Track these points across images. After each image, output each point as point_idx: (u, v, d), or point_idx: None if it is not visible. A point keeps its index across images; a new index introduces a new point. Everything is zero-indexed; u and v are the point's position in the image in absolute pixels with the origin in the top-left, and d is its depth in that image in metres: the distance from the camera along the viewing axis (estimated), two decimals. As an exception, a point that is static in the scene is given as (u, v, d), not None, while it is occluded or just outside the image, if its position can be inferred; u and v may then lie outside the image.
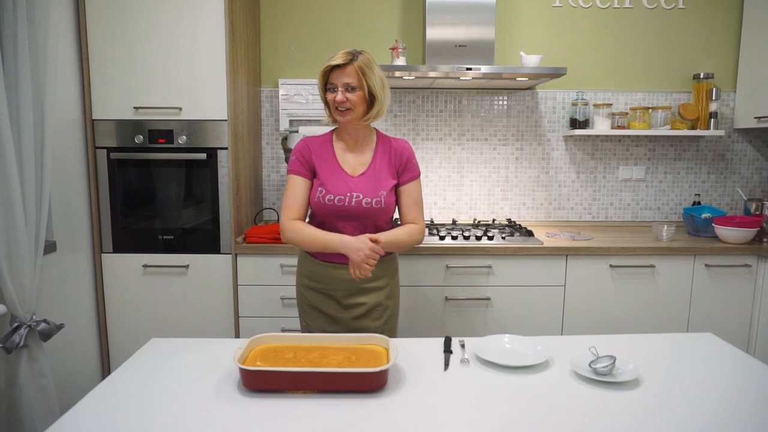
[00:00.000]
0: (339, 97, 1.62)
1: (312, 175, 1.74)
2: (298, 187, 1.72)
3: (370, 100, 1.66)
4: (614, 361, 1.32)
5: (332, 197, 1.68)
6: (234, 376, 1.31)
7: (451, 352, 1.46)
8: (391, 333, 1.83)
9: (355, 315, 1.77)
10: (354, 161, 1.74)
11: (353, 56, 1.61)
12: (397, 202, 1.79)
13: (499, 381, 1.31)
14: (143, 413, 1.15)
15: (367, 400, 1.20)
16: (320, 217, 1.74)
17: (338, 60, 1.59)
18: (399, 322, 1.95)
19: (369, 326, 1.76)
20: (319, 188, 1.70)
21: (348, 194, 1.68)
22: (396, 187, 1.76)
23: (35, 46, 1.78)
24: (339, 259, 1.70)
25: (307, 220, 1.79)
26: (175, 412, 1.15)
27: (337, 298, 1.77)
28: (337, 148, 1.76)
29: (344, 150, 1.75)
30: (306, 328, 1.85)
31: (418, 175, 1.79)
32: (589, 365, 1.33)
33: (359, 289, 1.76)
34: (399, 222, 1.83)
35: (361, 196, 1.68)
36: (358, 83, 1.62)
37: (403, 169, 1.76)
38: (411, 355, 1.44)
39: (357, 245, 1.59)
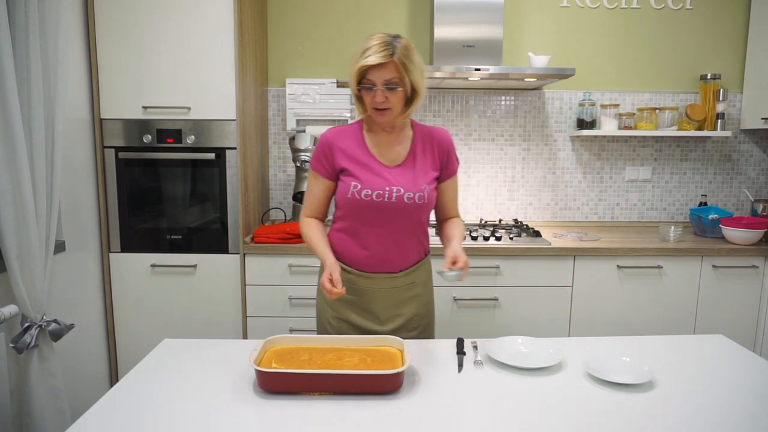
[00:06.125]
0: (378, 97, 1.43)
1: (333, 174, 1.56)
2: (317, 187, 1.59)
3: (411, 95, 1.47)
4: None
5: (369, 192, 1.49)
6: (249, 378, 1.31)
7: (464, 354, 1.46)
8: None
9: (392, 327, 1.61)
10: (390, 151, 1.55)
11: (392, 50, 1.39)
12: (438, 197, 1.63)
13: (513, 383, 1.32)
14: (159, 415, 1.15)
15: (383, 401, 1.20)
16: (354, 217, 1.55)
17: (376, 59, 1.38)
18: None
19: (405, 337, 1.55)
20: (353, 183, 1.49)
21: (387, 188, 1.49)
22: (437, 180, 1.59)
23: (46, 47, 1.78)
24: (377, 267, 1.57)
25: (331, 218, 1.68)
26: (191, 414, 1.15)
27: (375, 311, 1.60)
28: (368, 137, 1.56)
29: (378, 141, 1.55)
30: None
31: (458, 167, 1.64)
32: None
33: (400, 300, 1.61)
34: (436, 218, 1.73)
35: (402, 191, 1.50)
36: (399, 80, 1.42)
37: (446, 161, 1.59)
38: (424, 356, 1.44)
39: (325, 269, 1.47)
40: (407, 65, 1.42)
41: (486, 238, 2.51)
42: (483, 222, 2.98)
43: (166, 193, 2.45)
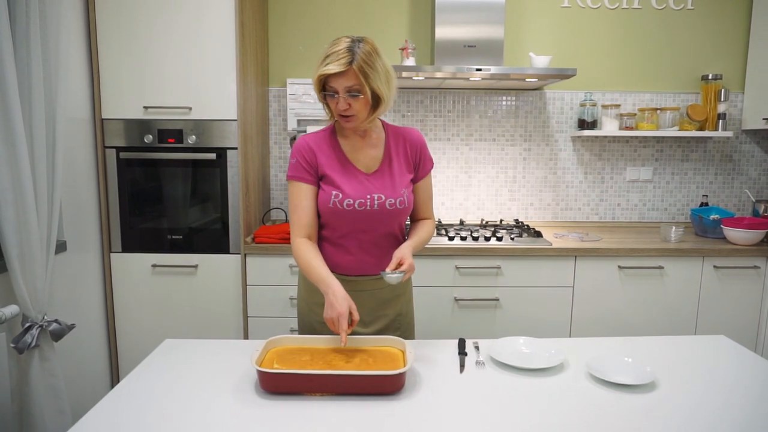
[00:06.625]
0: (341, 105, 1.42)
1: (317, 179, 1.52)
2: (304, 196, 1.51)
3: (375, 101, 1.44)
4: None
5: (351, 201, 1.48)
6: (250, 378, 1.31)
7: (465, 354, 1.46)
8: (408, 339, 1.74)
9: (375, 329, 1.62)
10: (365, 158, 1.54)
11: (352, 56, 1.37)
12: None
13: (515, 383, 1.31)
14: (160, 416, 1.15)
15: (385, 402, 1.20)
16: (335, 224, 1.54)
17: (334, 68, 1.37)
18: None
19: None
20: (334, 192, 1.49)
21: (368, 196, 1.49)
22: (412, 181, 1.60)
23: (47, 46, 1.78)
24: (359, 270, 1.57)
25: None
26: (192, 415, 1.15)
27: (360, 314, 1.52)
28: (344, 143, 1.55)
29: (352, 145, 1.55)
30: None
31: (432, 167, 1.64)
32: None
33: (383, 301, 1.62)
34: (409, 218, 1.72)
35: (383, 197, 1.50)
36: (360, 87, 1.40)
37: (419, 162, 1.60)
38: (426, 357, 1.44)
39: (334, 302, 1.36)
40: (367, 72, 1.38)
41: (487, 239, 2.51)
42: (484, 222, 2.98)
43: (167, 193, 2.44)
